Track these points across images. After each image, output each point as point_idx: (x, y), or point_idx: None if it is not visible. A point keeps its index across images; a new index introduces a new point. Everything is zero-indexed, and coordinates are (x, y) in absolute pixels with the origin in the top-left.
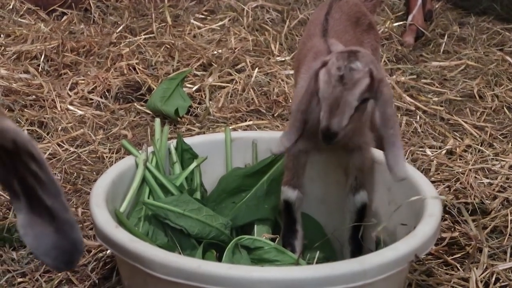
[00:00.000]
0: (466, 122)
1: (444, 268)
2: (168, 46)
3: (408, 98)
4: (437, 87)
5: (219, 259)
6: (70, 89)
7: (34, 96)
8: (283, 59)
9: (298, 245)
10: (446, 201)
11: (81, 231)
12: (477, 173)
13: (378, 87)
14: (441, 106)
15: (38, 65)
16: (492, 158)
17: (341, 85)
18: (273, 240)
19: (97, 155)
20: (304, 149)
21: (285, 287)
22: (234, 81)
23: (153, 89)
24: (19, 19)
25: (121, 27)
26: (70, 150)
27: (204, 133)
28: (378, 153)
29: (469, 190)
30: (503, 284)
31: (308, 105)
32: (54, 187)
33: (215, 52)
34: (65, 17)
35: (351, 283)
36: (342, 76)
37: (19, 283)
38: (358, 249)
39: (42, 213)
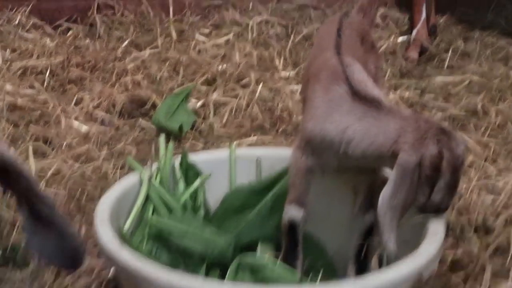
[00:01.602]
0: (470, 138)
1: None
2: (173, 61)
3: None
4: (441, 102)
5: (222, 277)
6: (75, 104)
7: (39, 112)
8: (288, 74)
9: (299, 265)
10: (449, 218)
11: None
12: (480, 190)
13: None
14: (445, 121)
15: (44, 80)
16: (496, 174)
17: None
18: (277, 258)
19: (102, 172)
20: (312, 167)
21: None
22: (239, 97)
23: (158, 104)
24: (25, 34)
25: (126, 42)
26: (75, 167)
27: (208, 148)
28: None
29: (472, 207)
30: None
31: (414, 199)
32: (47, 201)
33: (220, 67)
34: (70, 32)
35: None
36: (463, 160)
37: None
38: (362, 268)
39: (43, 220)
